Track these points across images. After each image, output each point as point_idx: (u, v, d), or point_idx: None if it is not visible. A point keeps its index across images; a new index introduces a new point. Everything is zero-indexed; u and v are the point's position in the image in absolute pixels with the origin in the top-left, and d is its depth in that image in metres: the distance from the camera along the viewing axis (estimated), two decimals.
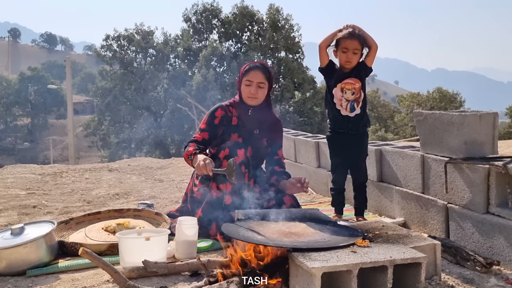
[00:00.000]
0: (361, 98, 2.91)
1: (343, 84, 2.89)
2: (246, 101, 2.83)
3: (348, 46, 2.82)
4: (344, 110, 2.91)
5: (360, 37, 2.83)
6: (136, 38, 24.55)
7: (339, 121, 2.93)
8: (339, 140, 2.98)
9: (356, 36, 2.82)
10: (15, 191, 4.36)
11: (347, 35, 2.82)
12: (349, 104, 2.90)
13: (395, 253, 1.77)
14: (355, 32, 2.83)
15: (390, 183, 3.11)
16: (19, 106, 50.66)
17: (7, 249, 2.16)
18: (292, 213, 2.40)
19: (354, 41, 2.81)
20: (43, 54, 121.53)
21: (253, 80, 2.78)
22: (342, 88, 2.90)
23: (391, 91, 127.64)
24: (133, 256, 2.11)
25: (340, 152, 3.01)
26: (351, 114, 2.90)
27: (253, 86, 2.78)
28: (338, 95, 2.91)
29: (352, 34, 2.82)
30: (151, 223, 2.83)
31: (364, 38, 2.84)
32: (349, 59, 2.84)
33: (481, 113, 2.48)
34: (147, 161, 7.07)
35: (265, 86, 2.81)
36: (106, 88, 24.31)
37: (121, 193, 4.18)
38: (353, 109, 2.90)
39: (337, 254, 1.73)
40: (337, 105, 2.92)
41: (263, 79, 2.79)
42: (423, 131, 2.73)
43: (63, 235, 2.64)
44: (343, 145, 2.96)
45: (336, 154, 3.04)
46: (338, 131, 2.97)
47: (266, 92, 2.83)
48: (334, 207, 3.11)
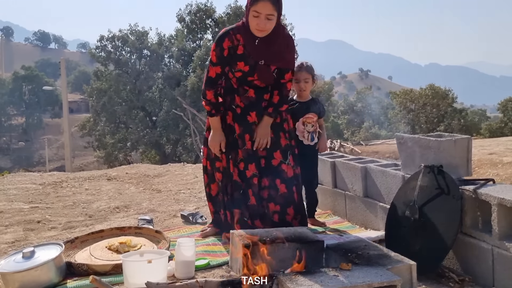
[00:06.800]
0: (317, 129, 3.43)
1: (304, 118, 3.35)
2: (254, 31, 2.75)
3: (299, 77, 3.31)
4: (306, 140, 3.36)
5: (308, 68, 3.33)
6: (131, 38, 24.64)
7: (301, 148, 3.34)
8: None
9: (304, 68, 3.32)
10: (19, 204, 4.54)
11: (297, 68, 3.30)
12: (310, 135, 3.37)
13: (373, 276, 1.97)
14: (303, 64, 3.34)
15: (375, 199, 3.31)
16: (13, 106, 50.68)
17: (20, 273, 2.36)
18: (282, 232, 2.59)
19: (303, 72, 3.32)
20: (37, 52, 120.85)
21: (262, 12, 2.65)
22: (304, 122, 3.36)
23: (384, 87, 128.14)
24: (136, 278, 2.30)
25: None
26: (311, 143, 3.39)
27: (261, 18, 2.67)
28: (300, 128, 3.35)
29: (301, 66, 3.33)
30: (152, 241, 3.02)
31: (311, 68, 3.35)
32: (301, 88, 3.35)
33: (456, 138, 2.69)
34: (144, 168, 7.25)
35: (273, 18, 2.70)
36: (101, 89, 24.41)
37: (121, 206, 4.37)
38: (313, 139, 3.39)
39: (321, 279, 1.93)
40: (300, 136, 3.35)
41: (273, 10, 2.67)
42: (403, 153, 2.94)
43: (70, 254, 2.83)
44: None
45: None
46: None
47: (275, 23, 2.73)
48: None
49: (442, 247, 2.42)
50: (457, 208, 2.42)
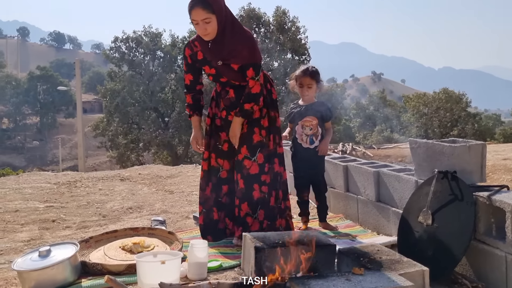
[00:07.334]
0: (319, 132, 3.41)
1: (303, 121, 3.41)
2: (202, 37, 2.87)
3: (303, 82, 3.39)
4: (304, 143, 3.42)
5: (312, 73, 3.37)
6: (145, 40, 24.87)
7: (300, 151, 3.46)
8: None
9: (308, 73, 3.38)
10: (34, 203, 4.61)
11: (301, 73, 3.40)
12: (308, 138, 3.41)
13: (386, 281, 1.97)
14: (308, 69, 3.39)
15: (387, 203, 3.31)
16: (28, 105, 51.36)
17: (36, 271, 2.40)
18: (295, 236, 2.60)
19: (306, 77, 3.38)
20: (52, 52, 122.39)
21: (197, 19, 2.75)
22: (302, 125, 3.41)
23: (397, 90, 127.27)
24: (150, 278, 2.33)
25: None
26: (311, 146, 3.42)
27: (200, 24, 2.77)
28: (299, 131, 3.42)
29: (305, 71, 3.39)
30: (164, 242, 3.05)
31: (316, 74, 3.38)
32: (304, 93, 3.42)
33: (470, 144, 2.68)
34: (156, 168, 7.31)
35: (211, 19, 2.76)
36: (114, 90, 24.66)
37: (134, 207, 4.41)
38: (312, 142, 3.41)
39: (333, 283, 1.94)
40: (298, 139, 3.42)
41: (206, 14, 2.73)
42: (416, 158, 2.94)
43: (84, 253, 2.87)
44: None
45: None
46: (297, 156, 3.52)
47: (216, 24, 2.78)
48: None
49: (455, 254, 2.41)
50: (470, 214, 2.41)
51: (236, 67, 2.94)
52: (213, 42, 2.88)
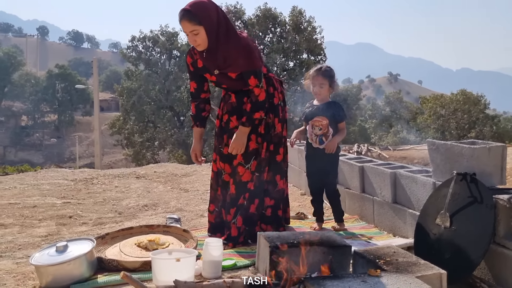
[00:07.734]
0: (330, 132, 3.35)
1: (312, 121, 3.38)
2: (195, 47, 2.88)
3: (316, 81, 3.36)
4: (314, 143, 3.39)
5: (325, 72, 3.34)
6: (161, 39, 25.02)
7: (311, 151, 3.45)
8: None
9: (321, 73, 3.35)
10: (52, 199, 4.67)
11: (314, 72, 3.38)
12: (318, 138, 3.36)
13: (402, 284, 1.95)
14: (321, 69, 3.37)
15: (404, 205, 3.27)
16: (46, 103, 52.10)
17: (53, 266, 2.43)
18: (310, 236, 2.59)
19: (319, 77, 3.35)
20: (70, 51, 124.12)
21: (186, 31, 2.76)
22: (312, 125, 3.38)
23: (414, 91, 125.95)
24: (165, 275, 2.34)
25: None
26: (320, 146, 3.37)
27: (190, 36, 2.77)
28: (309, 131, 3.41)
29: (318, 70, 3.37)
30: (179, 239, 3.06)
31: (329, 73, 3.34)
32: (315, 92, 3.38)
33: (490, 145, 2.63)
34: (172, 167, 7.35)
35: (199, 31, 2.73)
36: (131, 88, 24.87)
37: (150, 204, 4.44)
38: (322, 142, 3.36)
39: (349, 284, 1.92)
40: (309, 139, 3.42)
41: (192, 26, 2.72)
42: (434, 159, 2.89)
43: (100, 250, 2.89)
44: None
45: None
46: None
47: (205, 35, 2.76)
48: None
49: (473, 257, 2.37)
50: (490, 217, 2.37)
51: (234, 75, 2.92)
52: (207, 51, 2.88)
